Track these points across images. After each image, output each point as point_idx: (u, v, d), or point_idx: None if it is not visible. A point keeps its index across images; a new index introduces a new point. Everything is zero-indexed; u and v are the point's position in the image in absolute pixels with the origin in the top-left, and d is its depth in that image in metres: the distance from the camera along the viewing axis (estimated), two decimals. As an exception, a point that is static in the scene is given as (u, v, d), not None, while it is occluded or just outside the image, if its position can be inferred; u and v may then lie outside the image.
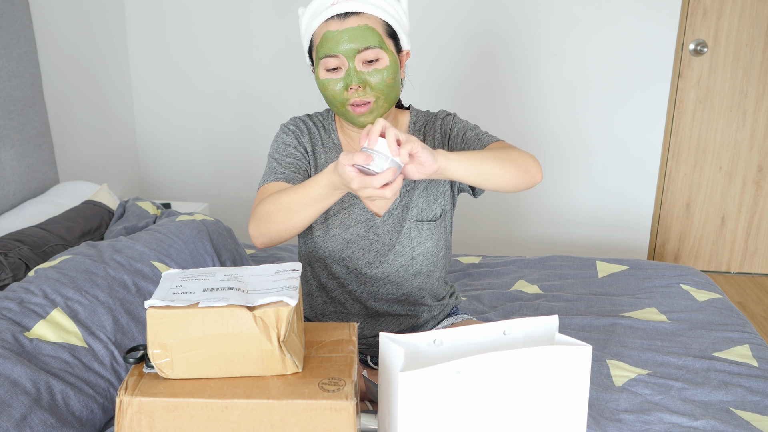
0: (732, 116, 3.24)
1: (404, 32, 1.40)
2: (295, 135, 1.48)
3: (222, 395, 0.95)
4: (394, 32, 1.37)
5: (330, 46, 1.32)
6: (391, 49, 1.36)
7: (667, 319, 1.89)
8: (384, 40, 1.34)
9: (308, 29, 1.38)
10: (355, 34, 1.31)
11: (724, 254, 3.45)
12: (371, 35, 1.32)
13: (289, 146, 1.46)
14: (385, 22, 1.35)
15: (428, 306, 1.57)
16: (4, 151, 2.16)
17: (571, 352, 1.00)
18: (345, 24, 1.31)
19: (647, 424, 1.41)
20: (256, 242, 1.35)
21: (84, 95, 2.83)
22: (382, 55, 1.33)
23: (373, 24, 1.33)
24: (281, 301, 0.98)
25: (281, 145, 1.47)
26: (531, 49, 3.13)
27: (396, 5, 1.38)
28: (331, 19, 1.32)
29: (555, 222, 3.35)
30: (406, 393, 0.94)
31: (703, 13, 3.12)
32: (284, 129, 1.49)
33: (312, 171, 1.48)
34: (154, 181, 3.43)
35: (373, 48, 1.32)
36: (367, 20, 1.32)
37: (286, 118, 3.20)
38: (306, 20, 1.38)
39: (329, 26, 1.32)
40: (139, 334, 1.51)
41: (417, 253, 1.49)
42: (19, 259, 1.73)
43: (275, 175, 1.42)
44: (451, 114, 1.51)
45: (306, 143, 1.48)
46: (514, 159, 1.29)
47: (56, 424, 1.24)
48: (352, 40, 1.31)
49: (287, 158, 1.45)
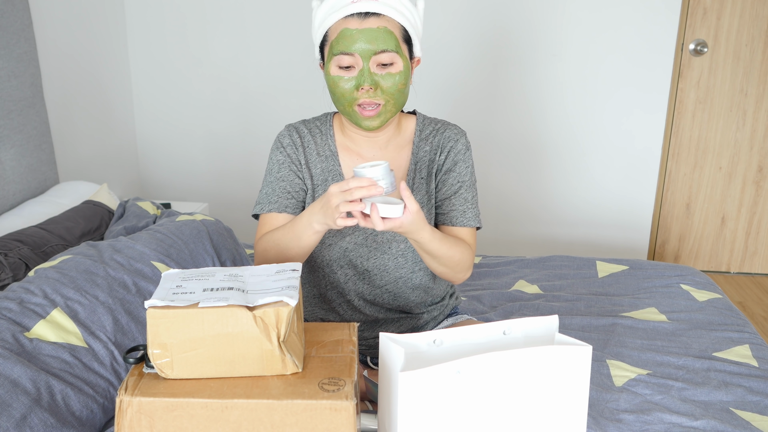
0: (732, 116, 3.24)
1: (418, 39, 1.40)
2: (288, 152, 1.47)
3: (222, 395, 0.95)
4: (409, 38, 1.37)
5: (347, 44, 1.31)
6: (406, 54, 1.36)
7: (667, 319, 1.89)
8: (400, 45, 1.34)
9: (324, 23, 1.36)
10: (373, 35, 1.30)
11: (724, 254, 3.45)
12: (389, 38, 1.31)
13: (282, 166, 1.46)
14: (403, 26, 1.35)
15: (428, 309, 1.57)
16: (4, 151, 2.16)
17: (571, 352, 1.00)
18: (364, 24, 1.31)
19: (647, 424, 1.41)
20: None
21: (84, 95, 2.83)
22: (396, 60, 1.33)
23: (391, 27, 1.32)
24: (281, 301, 0.98)
25: (275, 165, 1.47)
26: (531, 50, 3.13)
27: (414, 11, 1.37)
28: (351, 16, 1.31)
29: (555, 222, 3.35)
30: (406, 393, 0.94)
31: (703, 13, 3.12)
32: (277, 144, 1.49)
33: (307, 183, 1.47)
34: (154, 181, 3.43)
35: (389, 51, 1.31)
36: (386, 23, 1.32)
37: (286, 118, 3.20)
38: (322, 14, 1.36)
39: (348, 24, 1.31)
40: (139, 334, 1.51)
41: (419, 267, 1.49)
42: (19, 259, 1.73)
43: (270, 205, 1.45)
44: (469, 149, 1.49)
45: (299, 157, 1.47)
46: (456, 262, 1.39)
47: (56, 424, 1.24)
48: (370, 41, 1.30)
49: (281, 182, 1.46)
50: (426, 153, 1.48)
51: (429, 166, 1.47)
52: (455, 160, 1.46)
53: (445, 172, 1.46)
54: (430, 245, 1.31)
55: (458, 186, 1.45)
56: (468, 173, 1.47)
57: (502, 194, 3.33)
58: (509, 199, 3.34)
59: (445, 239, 1.34)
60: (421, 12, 1.40)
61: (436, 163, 1.47)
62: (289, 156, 1.46)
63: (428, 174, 1.47)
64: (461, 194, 1.45)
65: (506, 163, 3.29)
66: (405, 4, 1.35)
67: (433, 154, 1.48)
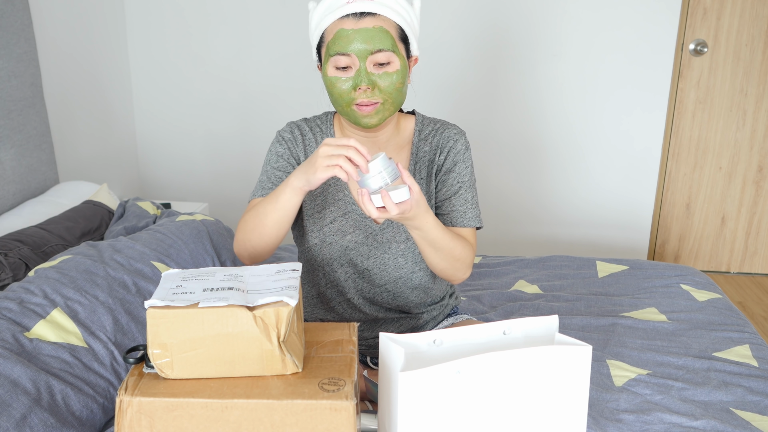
0: (732, 116, 3.24)
1: (415, 38, 1.40)
2: (289, 145, 1.47)
3: (222, 395, 0.95)
4: (406, 37, 1.37)
5: (343, 44, 1.31)
6: (402, 53, 1.35)
7: (667, 319, 1.89)
8: (397, 44, 1.33)
9: (320, 25, 1.36)
10: (369, 35, 1.30)
11: (724, 254, 3.45)
12: (385, 38, 1.31)
13: (281, 158, 1.46)
14: (399, 26, 1.35)
15: (427, 309, 1.57)
16: (4, 151, 2.16)
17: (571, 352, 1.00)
18: (360, 24, 1.31)
19: (647, 424, 1.41)
20: (242, 260, 1.39)
21: (84, 95, 2.83)
22: (393, 59, 1.33)
23: (387, 27, 1.32)
24: (281, 301, 0.98)
25: (274, 156, 1.47)
26: (531, 49, 3.13)
27: (410, 10, 1.37)
28: (346, 17, 1.31)
29: (555, 222, 3.35)
30: (406, 393, 0.94)
31: (703, 13, 3.12)
32: (279, 138, 1.48)
33: None
34: (154, 181, 3.43)
35: (386, 51, 1.31)
36: (382, 22, 1.32)
37: (286, 118, 3.20)
38: (318, 15, 1.37)
39: (343, 24, 1.31)
40: (139, 334, 1.51)
41: (419, 268, 1.49)
42: (19, 259, 1.73)
43: (263, 190, 1.44)
44: (468, 149, 1.48)
45: (299, 153, 1.47)
46: (457, 257, 1.38)
47: (56, 424, 1.24)
48: (366, 41, 1.30)
49: (278, 171, 1.45)
50: (425, 153, 1.48)
51: (429, 167, 1.47)
52: (455, 160, 1.46)
53: (445, 173, 1.46)
54: (433, 232, 1.30)
55: (458, 186, 1.45)
56: (467, 173, 1.47)
57: (502, 194, 3.33)
58: (509, 199, 3.34)
59: (447, 230, 1.35)
60: (417, 10, 1.40)
61: (435, 163, 1.47)
62: (290, 149, 1.47)
63: (428, 174, 1.48)
64: (461, 194, 1.45)
65: (506, 162, 3.29)
66: (401, 3, 1.35)
67: (433, 154, 1.48)
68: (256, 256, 1.37)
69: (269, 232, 1.31)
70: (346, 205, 1.46)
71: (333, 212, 1.46)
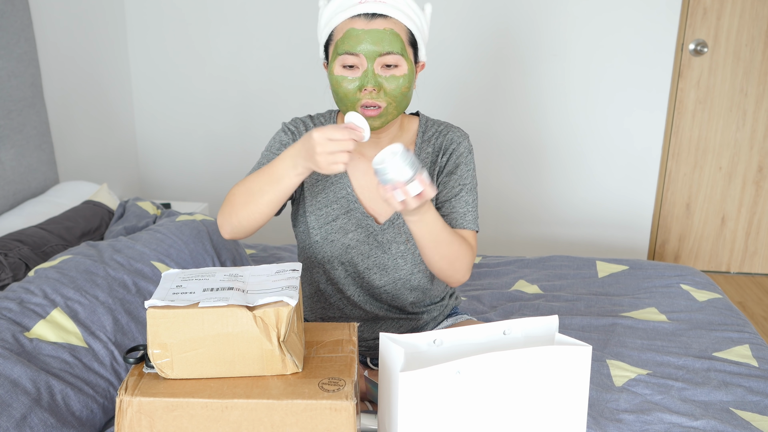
0: (732, 116, 3.24)
1: (424, 44, 1.40)
2: (294, 137, 1.47)
3: (222, 395, 0.95)
4: (415, 42, 1.37)
5: (352, 44, 1.31)
6: (411, 57, 1.35)
7: (667, 319, 1.89)
8: (406, 48, 1.33)
9: (330, 22, 1.36)
10: (379, 36, 1.30)
11: (724, 254, 3.45)
12: (395, 41, 1.31)
13: (284, 146, 1.45)
14: (409, 30, 1.35)
15: (427, 309, 1.57)
16: (4, 151, 2.16)
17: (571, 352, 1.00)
18: (371, 25, 1.30)
19: (647, 424, 1.41)
20: (222, 232, 1.35)
21: (84, 95, 2.83)
22: (401, 62, 1.33)
23: (398, 30, 1.32)
24: (281, 301, 0.98)
25: (276, 143, 1.46)
26: (531, 49, 3.13)
27: (421, 15, 1.37)
28: (357, 17, 1.31)
29: (555, 222, 3.35)
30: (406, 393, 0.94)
31: (703, 13, 3.12)
32: (284, 128, 1.48)
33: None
34: (154, 181, 3.43)
35: (394, 54, 1.31)
36: (393, 25, 1.32)
37: (286, 118, 3.20)
38: (329, 13, 1.36)
39: (354, 24, 1.31)
40: (139, 334, 1.51)
41: (418, 269, 1.49)
42: (19, 259, 1.73)
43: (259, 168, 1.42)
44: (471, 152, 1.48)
45: None
46: (456, 255, 1.36)
47: (56, 424, 1.24)
48: (376, 42, 1.30)
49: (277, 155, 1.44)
50: (428, 155, 1.48)
51: (431, 168, 1.47)
52: (457, 162, 1.46)
53: (447, 174, 1.46)
54: (435, 225, 1.30)
55: (459, 188, 1.45)
56: (470, 176, 1.47)
57: (502, 194, 3.33)
58: (509, 199, 3.34)
59: (447, 226, 1.35)
60: (428, 17, 1.40)
61: (438, 164, 1.47)
62: (294, 141, 1.46)
63: (430, 175, 1.48)
64: (462, 197, 1.45)
65: (507, 163, 3.29)
66: (413, 8, 1.35)
67: (435, 155, 1.48)
68: (239, 231, 1.33)
69: (262, 209, 1.29)
70: (348, 203, 1.46)
71: (335, 210, 1.46)
